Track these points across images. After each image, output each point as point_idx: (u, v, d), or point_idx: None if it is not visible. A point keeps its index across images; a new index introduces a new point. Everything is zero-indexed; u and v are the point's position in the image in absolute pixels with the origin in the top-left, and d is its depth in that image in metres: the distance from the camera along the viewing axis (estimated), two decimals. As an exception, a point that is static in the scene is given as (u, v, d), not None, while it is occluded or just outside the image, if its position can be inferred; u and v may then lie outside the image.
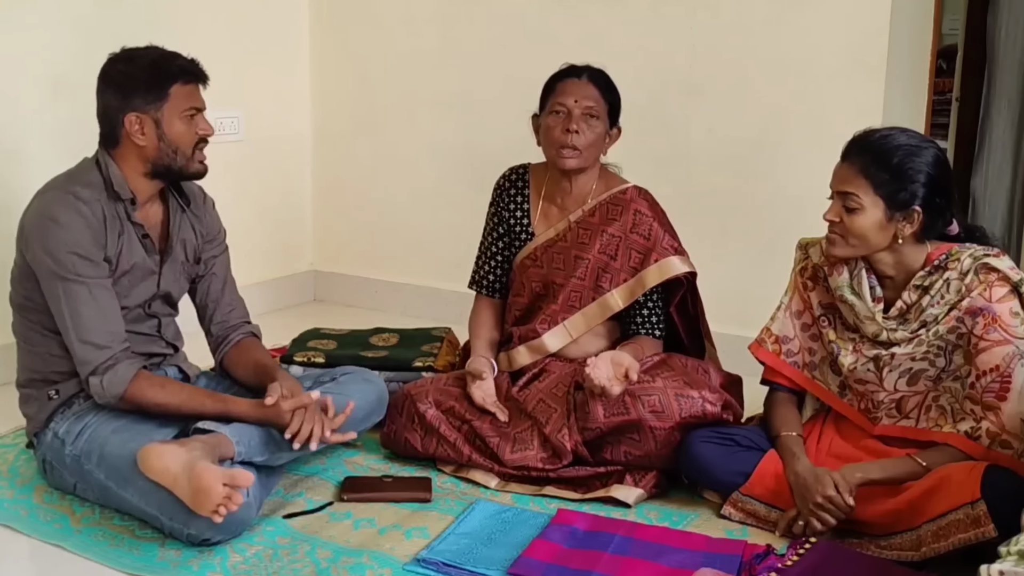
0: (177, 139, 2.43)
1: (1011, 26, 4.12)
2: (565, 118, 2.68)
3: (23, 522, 2.42)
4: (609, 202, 2.80)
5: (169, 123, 2.42)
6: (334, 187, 4.38)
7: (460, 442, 2.67)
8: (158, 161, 2.45)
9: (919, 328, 2.34)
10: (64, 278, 2.36)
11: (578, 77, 2.72)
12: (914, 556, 2.19)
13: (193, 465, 2.19)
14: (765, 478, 2.43)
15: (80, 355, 2.37)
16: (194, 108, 2.45)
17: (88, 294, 2.37)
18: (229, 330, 2.69)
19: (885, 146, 2.30)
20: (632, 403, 2.54)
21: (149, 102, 2.40)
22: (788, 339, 2.57)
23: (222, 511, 2.16)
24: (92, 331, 2.37)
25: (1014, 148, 4.20)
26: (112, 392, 2.37)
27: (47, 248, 2.36)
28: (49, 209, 2.38)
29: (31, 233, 2.39)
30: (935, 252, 2.34)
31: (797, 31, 3.32)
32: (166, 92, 2.41)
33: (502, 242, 2.92)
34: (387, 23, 4.13)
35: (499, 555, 2.27)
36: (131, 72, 2.41)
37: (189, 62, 2.46)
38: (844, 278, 2.42)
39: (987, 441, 2.27)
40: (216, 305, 2.69)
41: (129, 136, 2.42)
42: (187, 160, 2.46)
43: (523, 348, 2.84)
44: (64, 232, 2.35)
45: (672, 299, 2.82)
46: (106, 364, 2.37)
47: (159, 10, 3.68)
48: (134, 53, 2.45)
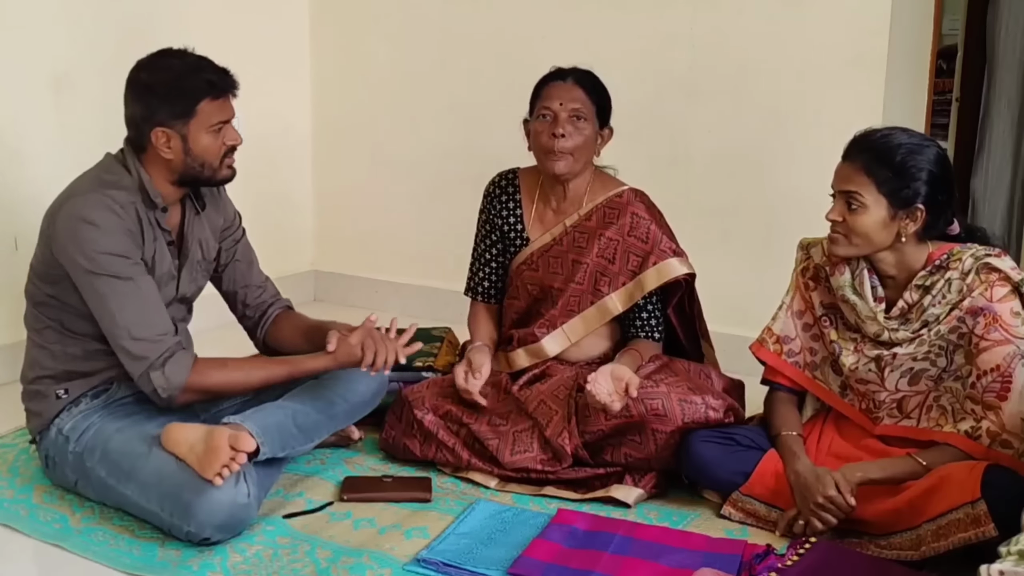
0: (204, 153, 2.40)
1: (1011, 26, 4.11)
2: (551, 122, 2.67)
3: (23, 522, 2.42)
4: (606, 205, 2.79)
5: (196, 139, 2.37)
6: (334, 187, 4.37)
7: (459, 447, 2.67)
8: (185, 173, 2.42)
9: (921, 328, 2.34)
10: (107, 277, 2.31)
11: (563, 80, 2.71)
12: (913, 555, 2.19)
13: (212, 431, 2.26)
14: (765, 477, 2.43)
15: (135, 351, 2.32)
16: (222, 121, 2.41)
17: (135, 289, 2.33)
18: (265, 308, 2.69)
19: (887, 144, 2.30)
20: (634, 405, 2.54)
21: (176, 117, 2.36)
22: (789, 339, 2.57)
23: (225, 473, 2.21)
24: (144, 326, 2.33)
25: (1014, 148, 4.20)
26: (176, 382, 2.33)
27: (85, 251, 2.31)
28: (84, 211, 2.33)
29: (66, 237, 2.33)
30: (936, 252, 2.34)
31: (797, 31, 3.32)
32: (194, 109, 2.36)
33: (495, 248, 2.91)
34: (387, 23, 4.12)
35: (499, 555, 2.27)
36: (157, 84, 2.35)
37: (218, 74, 2.39)
38: (846, 278, 2.42)
39: (988, 441, 2.27)
40: (247, 289, 2.69)
41: (156, 149, 2.38)
42: (214, 170, 2.43)
43: (522, 351, 2.84)
44: (102, 234, 2.31)
45: (670, 301, 2.82)
46: (163, 356, 2.33)
47: (159, 10, 3.68)
48: (160, 62, 2.38)
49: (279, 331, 2.67)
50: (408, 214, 4.23)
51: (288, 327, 2.67)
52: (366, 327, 2.49)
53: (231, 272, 2.68)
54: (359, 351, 2.45)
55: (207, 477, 2.22)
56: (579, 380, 2.68)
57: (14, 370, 2.59)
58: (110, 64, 3.53)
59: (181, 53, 2.41)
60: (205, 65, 2.40)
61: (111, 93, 3.53)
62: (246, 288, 2.69)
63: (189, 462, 2.26)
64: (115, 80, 3.53)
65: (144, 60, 2.41)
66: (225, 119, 2.42)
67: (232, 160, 2.47)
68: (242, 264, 2.69)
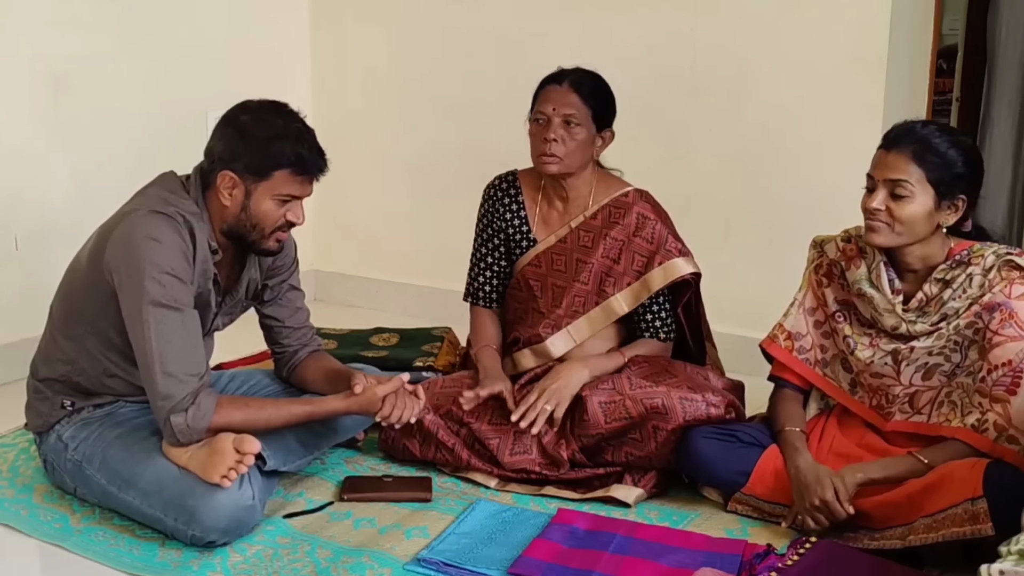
0: (261, 216, 2.33)
1: (1011, 26, 4.12)
2: (544, 126, 2.68)
3: (23, 522, 2.42)
4: (611, 205, 2.79)
5: (259, 200, 2.31)
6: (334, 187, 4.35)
7: (459, 447, 2.67)
8: (234, 225, 2.35)
9: (939, 321, 2.35)
10: (158, 304, 2.22)
11: (559, 84, 2.70)
12: (899, 544, 2.19)
13: (212, 439, 2.25)
14: (765, 476, 2.43)
15: (162, 388, 2.23)
16: (292, 196, 2.34)
17: (180, 323, 2.25)
18: (297, 350, 2.68)
19: (933, 134, 2.32)
20: (633, 406, 2.54)
21: (250, 171, 2.29)
22: (801, 335, 2.58)
23: (232, 475, 2.20)
24: (178, 362, 2.24)
25: (1014, 148, 4.20)
26: (198, 427, 2.25)
27: (144, 269, 2.22)
28: (149, 228, 2.25)
29: (126, 254, 2.25)
30: (956, 247, 2.37)
31: (797, 31, 3.32)
32: (270, 173, 2.29)
33: (498, 252, 2.90)
34: (387, 23, 4.12)
35: (499, 555, 2.27)
36: (249, 135, 2.28)
37: (310, 152, 2.32)
38: (862, 271, 2.43)
39: (994, 434, 2.27)
40: (286, 330, 2.66)
41: (219, 188, 2.33)
42: (262, 236, 2.36)
43: (528, 351, 2.84)
44: (166, 252, 2.24)
45: (679, 301, 2.81)
46: (187, 399, 2.24)
47: (159, 10, 3.68)
48: (265, 115, 2.31)
49: (304, 371, 2.66)
50: (408, 214, 4.23)
51: (313, 368, 2.65)
52: (395, 383, 2.48)
53: (273, 310, 2.64)
54: (380, 403, 2.45)
55: (213, 481, 2.22)
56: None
57: (14, 370, 2.59)
58: (109, 64, 3.55)
59: (290, 115, 2.34)
60: (306, 138, 2.32)
61: (110, 93, 3.58)
62: (284, 328, 2.66)
63: (191, 468, 2.25)
64: (115, 80, 3.58)
65: (254, 103, 2.34)
66: (297, 195, 2.35)
67: (284, 236, 2.40)
68: (287, 308, 2.65)
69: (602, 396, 2.58)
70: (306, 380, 2.65)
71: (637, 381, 2.60)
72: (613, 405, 2.56)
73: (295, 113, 2.35)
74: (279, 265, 2.61)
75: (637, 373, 2.66)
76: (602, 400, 2.58)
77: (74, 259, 2.46)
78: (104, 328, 2.37)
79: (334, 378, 2.58)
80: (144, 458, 2.33)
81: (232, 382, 2.70)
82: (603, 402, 2.57)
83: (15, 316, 3.27)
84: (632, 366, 2.72)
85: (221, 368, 3.00)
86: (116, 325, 2.33)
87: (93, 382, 2.44)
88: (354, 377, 2.47)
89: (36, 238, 3.37)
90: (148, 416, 2.41)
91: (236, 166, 2.30)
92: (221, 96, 2.66)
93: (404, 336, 3.31)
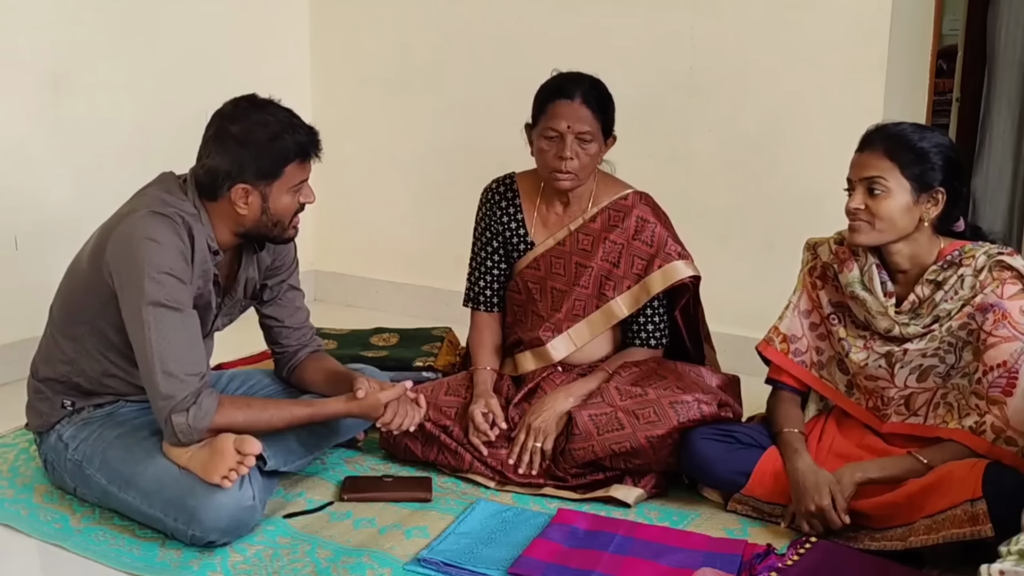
0: (281, 213, 2.36)
1: (1011, 26, 4.12)
2: (558, 143, 2.63)
3: (23, 522, 2.42)
4: (611, 208, 2.78)
5: (276, 198, 2.33)
6: (334, 187, 4.36)
7: (460, 449, 2.67)
8: (254, 228, 2.37)
9: (932, 323, 2.35)
10: (158, 304, 2.23)
11: (571, 99, 2.62)
12: (899, 546, 2.19)
13: (212, 440, 2.26)
14: (764, 478, 2.44)
15: (163, 388, 2.23)
16: (303, 181, 2.37)
17: (180, 323, 2.26)
18: (297, 350, 2.68)
19: (904, 131, 2.34)
20: (627, 420, 2.54)
21: (261, 177, 2.30)
22: (796, 338, 2.58)
23: (233, 476, 2.21)
24: (179, 362, 2.24)
25: (1014, 148, 4.20)
26: (199, 427, 2.25)
27: (144, 269, 2.23)
28: (148, 229, 2.25)
29: (125, 255, 2.26)
30: (947, 248, 2.36)
31: (797, 31, 3.32)
32: (281, 171, 2.31)
33: (497, 255, 2.89)
34: (387, 23, 4.12)
35: (499, 555, 2.27)
36: (250, 142, 2.28)
37: (307, 136, 2.33)
38: (854, 274, 2.43)
39: (992, 436, 2.27)
40: (285, 329, 2.66)
41: (231, 203, 2.32)
42: (284, 229, 2.39)
43: (529, 354, 2.84)
44: (165, 252, 2.24)
45: (677, 303, 2.81)
46: (188, 399, 2.24)
47: (159, 10, 3.68)
48: (252, 116, 2.30)
49: (304, 371, 2.66)
50: (408, 214, 4.23)
51: (313, 369, 2.65)
52: (398, 390, 2.48)
53: (273, 310, 2.64)
54: (382, 409, 2.45)
55: (214, 481, 2.22)
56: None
57: (14, 370, 2.59)
58: (110, 64, 3.56)
59: (270, 106, 2.33)
60: (296, 123, 2.33)
61: (110, 93, 3.58)
62: (284, 328, 2.66)
63: (191, 468, 2.25)
64: (115, 80, 3.58)
65: (231, 111, 2.33)
66: (305, 179, 2.38)
67: (299, 220, 2.42)
68: (287, 308, 2.65)
69: (591, 409, 2.58)
70: (306, 380, 2.66)
71: (626, 389, 2.60)
72: (604, 417, 2.55)
73: (270, 101, 2.35)
74: (279, 265, 2.61)
75: (626, 380, 2.66)
76: (592, 413, 2.57)
77: (74, 259, 2.46)
78: (104, 328, 2.37)
79: (335, 379, 2.58)
80: (144, 458, 2.33)
81: (232, 382, 2.70)
82: (593, 414, 2.57)
83: (15, 316, 3.27)
84: (620, 372, 2.72)
85: (221, 368, 3.00)
86: (116, 325, 2.33)
87: (93, 382, 2.44)
88: (356, 380, 2.46)
89: (36, 238, 3.37)
90: (148, 416, 2.41)
91: (246, 176, 2.30)
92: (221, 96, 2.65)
93: (404, 336, 3.31)
